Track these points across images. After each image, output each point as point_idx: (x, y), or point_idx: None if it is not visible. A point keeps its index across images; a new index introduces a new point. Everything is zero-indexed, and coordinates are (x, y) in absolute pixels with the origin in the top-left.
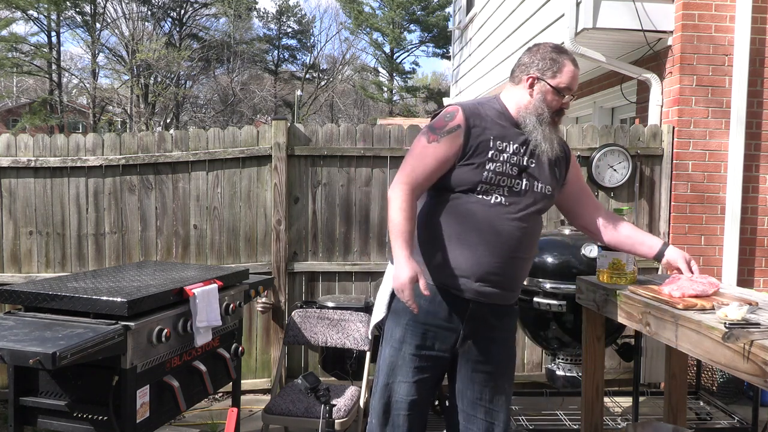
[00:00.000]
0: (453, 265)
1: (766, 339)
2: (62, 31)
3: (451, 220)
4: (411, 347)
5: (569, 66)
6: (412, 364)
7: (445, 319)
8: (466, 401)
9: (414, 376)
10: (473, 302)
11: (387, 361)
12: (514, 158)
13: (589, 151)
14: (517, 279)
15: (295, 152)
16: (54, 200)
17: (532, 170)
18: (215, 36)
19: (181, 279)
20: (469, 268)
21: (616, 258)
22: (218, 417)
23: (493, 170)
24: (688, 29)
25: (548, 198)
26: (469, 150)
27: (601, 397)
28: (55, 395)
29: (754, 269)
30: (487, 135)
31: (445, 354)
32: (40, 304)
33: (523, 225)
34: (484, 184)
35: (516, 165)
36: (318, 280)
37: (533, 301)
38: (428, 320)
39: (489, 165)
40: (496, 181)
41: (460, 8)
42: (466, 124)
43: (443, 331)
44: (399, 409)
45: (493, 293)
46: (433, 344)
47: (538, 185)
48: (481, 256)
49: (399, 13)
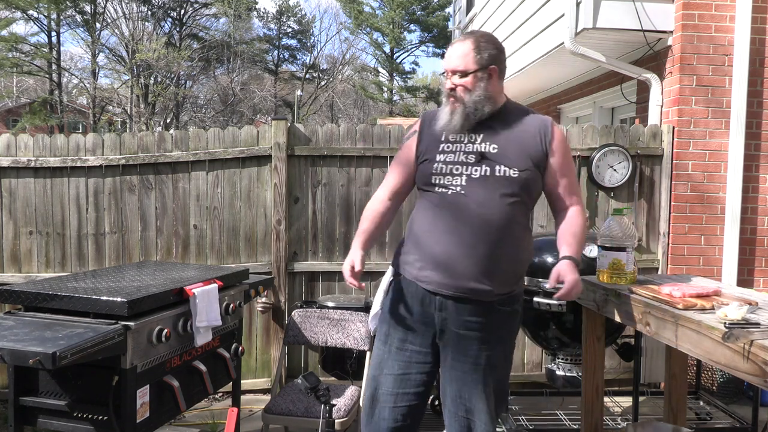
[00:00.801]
0: (419, 259)
1: (766, 339)
2: (62, 31)
3: (419, 215)
4: (395, 341)
5: (449, 47)
6: (397, 358)
7: (420, 313)
8: (447, 398)
9: (399, 369)
10: (440, 295)
11: (375, 355)
12: (471, 146)
13: (589, 151)
14: (488, 270)
15: (295, 152)
16: (54, 200)
17: (493, 155)
18: (215, 36)
19: (181, 279)
20: (431, 261)
21: (616, 258)
22: (218, 417)
23: (443, 161)
24: (688, 29)
25: (516, 181)
26: (423, 148)
27: (601, 397)
28: (55, 395)
29: (754, 269)
30: (437, 131)
31: (426, 349)
32: (40, 304)
33: (487, 212)
34: (437, 175)
35: (473, 153)
36: (318, 279)
37: (533, 301)
38: (407, 315)
39: (440, 157)
40: (449, 170)
41: (460, 8)
42: (421, 127)
43: (421, 326)
44: (385, 402)
45: (459, 285)
46: (415, 339)
47: (501, 169)
48: (442, 247)
49: (399, 13)
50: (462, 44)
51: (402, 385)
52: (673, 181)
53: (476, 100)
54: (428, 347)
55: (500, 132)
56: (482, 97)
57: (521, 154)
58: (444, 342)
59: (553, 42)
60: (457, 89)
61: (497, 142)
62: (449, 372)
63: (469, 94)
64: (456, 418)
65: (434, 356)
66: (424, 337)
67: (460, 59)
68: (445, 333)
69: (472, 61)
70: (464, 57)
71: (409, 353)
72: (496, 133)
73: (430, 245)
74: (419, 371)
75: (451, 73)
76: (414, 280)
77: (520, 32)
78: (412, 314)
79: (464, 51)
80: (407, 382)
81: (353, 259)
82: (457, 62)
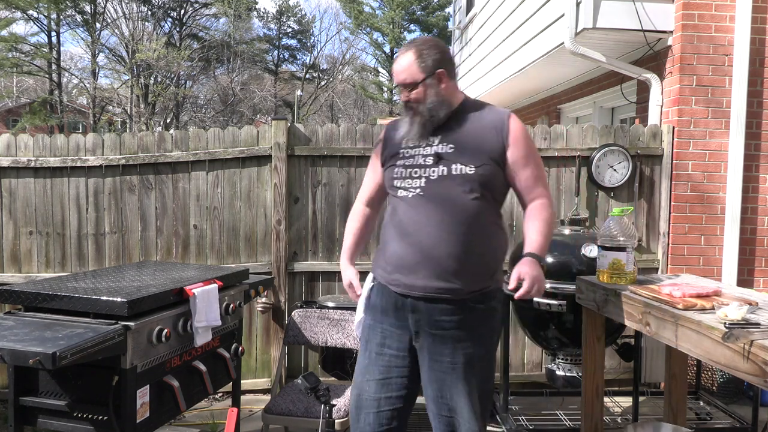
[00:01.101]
0: (387, 263)
1: (766, 339)
2: (62, 31)
3: (387, 220)
4: (374, 346)
5: (394, 63)
6: (377, 363)
7: (395, 317)
8: (429, 400)
9: (380, 374)
10: (411, 297)
11: (358, 361)
12: (429, 149)
13: (589, 151)
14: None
15: (295, 152)
16: (54, 200)
17: (449, 155)
18: (215, 36)
19: (181, 279)
20: (398, 264)
21: (616, 258)
22: (218, 417)
23: (403, 165)
24: (688, 29)
25: (473, 178)
26: (386, 155)
27: (601, 397)
28: (55, 395)
29: (754, 269)
30: (398, 138)
31: (404, 353)
32: (40, 304)
33: (448, 211)
34: (398, 179)
35: (431, 155)
36: (318, 280)
37: (533, 301)
38: (383, 319)
39: (400, 162)
40: (408, 174)
41: (460, 8)
42: (384, 137)
43: (396, 330)
44: (369, 407)
45: (427, 286)
46: (392, 343)
47: (457, 167)
48: (407, 249)
49: (399, 13)
50: (404, 56)
51: (384, 390)
52: (673, 181)
53: (430, 107)
54: (405, 351)
55: (457, 131)
56: (435, 103)
57: (477, 151)
58: (420, 344)
59: (553, 42)
60: (411, 101)
61: (453, 142)
62: (428, 373)
63: (422, 104)
64: (440, 418)
65: (413, 359)
66: (400, 340)
67: (406, 72)
68: (420, 335)
69: (417, 71)
70: (409, 69)
71: (388, 358)
72: (452, 133)
73: (395, 249)
74: (399, 375)
75: (402, 87)
76: (386, 284)
77: (520, 32)
78: (388, 318)
79: (407, 63)
80: (389, 386)
81: (350, 279)
82: (404, 76)
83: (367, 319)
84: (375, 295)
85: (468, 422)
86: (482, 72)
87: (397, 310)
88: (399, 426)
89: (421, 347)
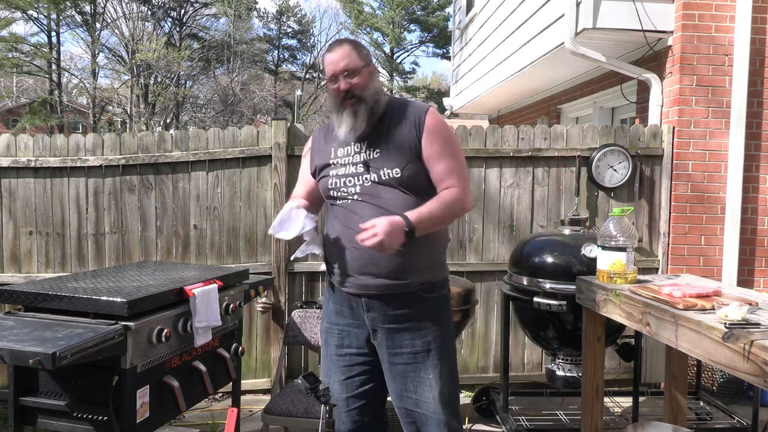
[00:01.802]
0: (337, 266)
1: (766, 339)
2: (62, 31)
3: (328, 227)
4: (333, 348)
5: (325, 57)
6: (338, 364)
7: (350, 317)
8: (394, 396)
9: (342, 375)
10: (364, 296)
11: (322, 364)
12: (358, 156)
13: (589, 151)
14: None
15: (295, 152)
16: (54, 200)
17: (375, 161)
18: (215, 36)
19: (181, 279)
20: (347, 267)
21: (616, 258)
22: (218, 417)
23: (336, 175)
24: (688, 29)
25: (401, 180)
26: (317, 164)
27: (601, 397)
28: (55, 395)
29: (754, 269)
30: (327, 148)
31: (364, 350)
32: (40, 304)
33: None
34: (333, 189)
35: (360, 163)
36: (318, 280)
37: (533, 301)
38: (339, 320)
39: (332, 171)
40: (343, 183)
41: (460, 8)
42: (312, 146)
43: (353, 329)
44: (339, 408)
45: (375, 284)
46: (351, 342)
47: (384, 172)
48: (353, 253)
49: (399, 13)
50: (340, 48)
51: (348, 389)
52: (673, 181)
53: (374, 92)
54: (365, 347)
55: (382, 134)
56: (377, 89)
57: (400, 151)
58: (378, 341)
59: (553, 42)
60: (354, 88)
61: (379, 146)
62: (390, 369)
63: (366, 89)
64: (408, 413)
65: (372, 354)
66: (359, 338)
67: (346, 59)
68: (377, 332)
69: (357, 59)
70: (349, 57)
71: (349, 357)
72: (379, 136)
73: (342, 253)
74: (361, 371)
75: (341, 76)
76: (339, 287)
77: (520, 32)
78: (344, 319)
79: (346, 51)
80: (352, 385)
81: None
82: (345, 62)
83: (323, 323)
84: (328, 299)
85: (435, 413)
86: (482, 72)
87: (352, 309)
88: (372, 421)
89: (380, 344)
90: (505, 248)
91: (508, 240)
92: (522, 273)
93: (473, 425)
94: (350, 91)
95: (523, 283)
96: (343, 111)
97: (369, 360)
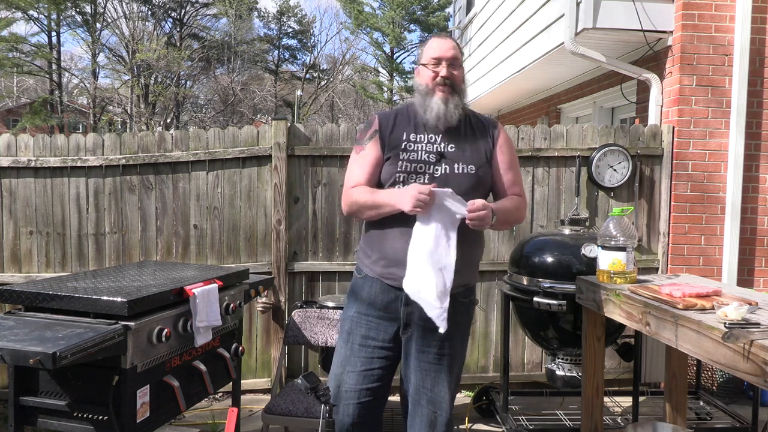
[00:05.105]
0: (383, 256)
1: (766, 339)
2: (62, 31)
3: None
4: (358, 338)
5: (433, 41)
6: (359, 355)
7: (383, 309)
8: (411, 387)
9: (361, 365)
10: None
11: (337, 353)
12: (431, 146)
13: (589, 151)
14: None
15: (295, 152)
16: (54, 200)
17: (450, 154)
18: (216, 36)
19: (181, 279)
20: (395, 258)
21: (616, 258)
22: (218, 417)
23: (407, 159)
24: (688, 29)
25: (474, 176)
26: (386, 147)
27: (601, 397)
28: (55, 395)
29: (754, 269)
30: (399, 131)
31: (389, 344)
32: (40, 304)
33: None
34: (401, 173)
35: (433, 152)
36: (318, 279)
37: (533, 301)
38: (370, 312)
39: (403, 155)
40: (413, 168)
41: (460, 8)
42: (380, 126)
43: (384, 322)
44: (349, 398)
45: None
46: (378, 335)
47: (459, 167)
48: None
49: (399, 13)
50: (450, 39)
51: (365, 381)
52: (673, 181)
53: (463, 91)
54: (390, 341)
55: (460, 131)
56: (465, 91)
57: (475, 152)
58: (408, 335)
59: (553, 42)
60: (453, 78)
61: (455, 142)
62: (413, 362)
63: (461, 83)
64: (419, 407)
65: (396, 350)
66: (386, 332)
67: (455, 50)
68: (409, 326)
69: (461, 56)
70: (456, 49)
71: (371, 349)
72: (456, 133)
73: (393, 244)
74: (381, 366)
75: (445, 61)
76: (378, 278)
77: (520, 32)
78: (376, 311)
79: (455, 45)
80: (369, 377)
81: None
82: (454, 52)
83: (351, 311)
84: (362, 288)
85: (445, 412)
86: (482, 72)
87: (388, 302)
88: (375, 415)
89: (408, 339)
90: (505, 248)
91: (508, 240)
92: (522, 273)
93: (473, 425)
94: (449, 79)
95: (523, 283)
96: (433, 95)
97: (390, 356)
